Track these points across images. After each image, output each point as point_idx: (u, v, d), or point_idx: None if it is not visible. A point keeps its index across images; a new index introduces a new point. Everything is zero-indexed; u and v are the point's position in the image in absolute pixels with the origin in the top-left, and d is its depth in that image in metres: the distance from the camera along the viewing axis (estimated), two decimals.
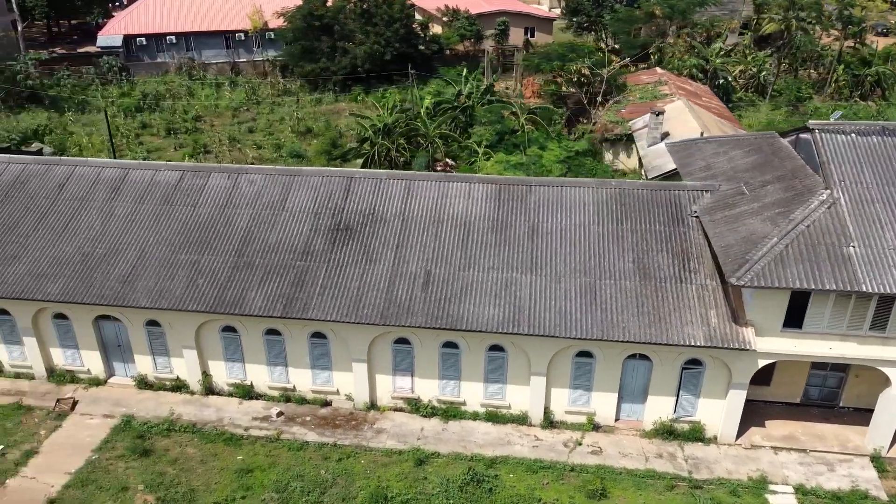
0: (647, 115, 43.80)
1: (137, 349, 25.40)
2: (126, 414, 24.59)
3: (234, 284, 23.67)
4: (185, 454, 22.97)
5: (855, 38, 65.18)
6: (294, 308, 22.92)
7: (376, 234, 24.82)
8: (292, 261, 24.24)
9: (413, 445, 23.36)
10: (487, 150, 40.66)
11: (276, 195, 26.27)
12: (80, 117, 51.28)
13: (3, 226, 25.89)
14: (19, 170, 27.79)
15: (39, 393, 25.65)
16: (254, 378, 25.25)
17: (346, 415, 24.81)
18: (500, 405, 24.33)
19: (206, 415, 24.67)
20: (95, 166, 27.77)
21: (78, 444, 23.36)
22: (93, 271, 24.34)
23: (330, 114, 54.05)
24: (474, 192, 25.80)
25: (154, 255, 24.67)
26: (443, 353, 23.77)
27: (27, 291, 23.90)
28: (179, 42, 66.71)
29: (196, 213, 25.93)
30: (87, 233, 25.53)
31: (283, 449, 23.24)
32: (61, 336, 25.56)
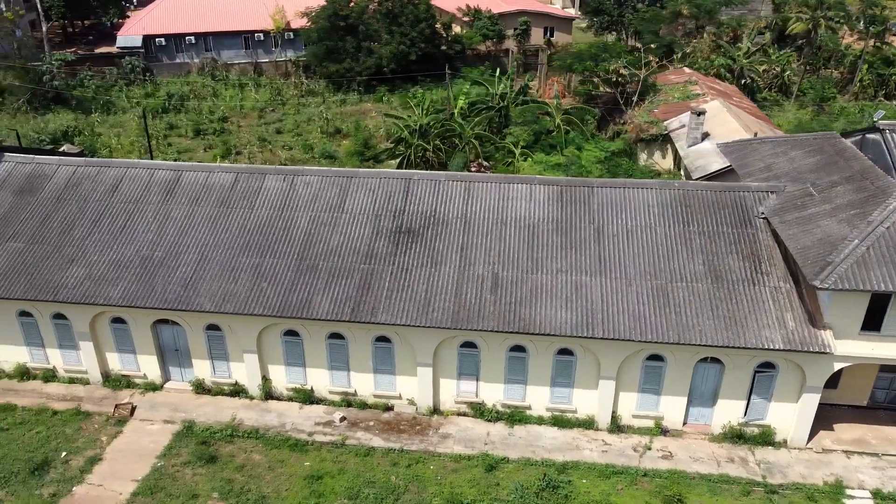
0: (682, 116, 43.56)
1: (196, 353, 25.06)
2: (186, 419, 24.26)
3: (299, 288, 23.33)
4: (252, 460, 22.64)
5: (876, 38, 65.03)
6: (362, 312, 22.59)
7: (439, 237, 24.51)
8: (356, 264, 23.91)
9: (481, 451, 23.05)
10: (525, 151, 40.36)
11: (334, 197, 25.94)
12: (106, 118, 50.86)
13: (59, 229, 25.53)
14: (70, 172, 27.42)
15: (96, 398, 25.29)
16: (314, 382, 24.92)
17: (409, 419, 24.49)
18: (567, 409, 24.04)
19: (267, 420, 24.34)
20: (147, 168, 27.42)
21: (141, 450, 23.02)
22: (153, 275, 23.99)
23: (357, 114, 53.70)
24: (536, 194, 25.50)
25: (215, 259, 24.33)
26: (509, 357, 23.47)
27: (89, 296, 23.55)
28: (198, 42, 66.32)
29: (254, 215, 25.59)
30: (145, 236, 25.18)
31: (349, 455, 22.91)
32: (118, 340, 25.21)
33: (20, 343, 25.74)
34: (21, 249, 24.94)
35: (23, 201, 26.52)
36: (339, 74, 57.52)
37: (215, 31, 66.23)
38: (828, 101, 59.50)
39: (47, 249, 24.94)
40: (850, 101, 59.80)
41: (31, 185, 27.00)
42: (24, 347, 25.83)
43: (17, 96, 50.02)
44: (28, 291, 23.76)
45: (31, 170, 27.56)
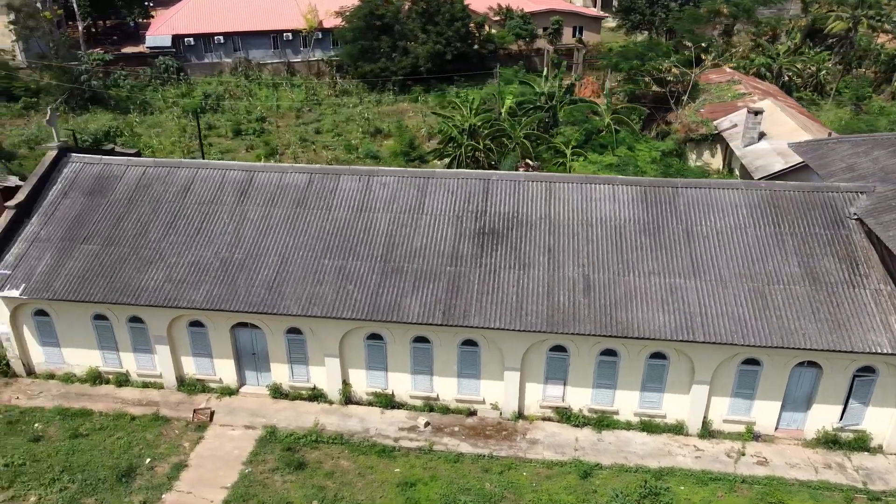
0: (733, 115, 43.13)
1: (275, 357, 24.60)
2: (267, 425, 23.78)
3: (387, 291, 22.88)
4: (340, 467, 22.17)
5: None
6: (453, 315, 22.13)
7: (525, 238, 24.05)
8: (442, 266, 23.45)
9: (572, 457, 22.58)
10: (578, 150, 39.89)
11: (413, 198, 25.48)
12: (143, 119, 50.42)
13: (134, 230, 25.09)
14: (140, 172, 26.97)
15: (172, 403, 24.84)
16: (395, 387, 24.46)
17: (494, 424, 24.02)
18: (656, 414, 23.56)
19: (350, 425, 23.87)
20: (219, 168, 26.96)
21: (226, 456, 22.55)
22: (235, 277, 23.54)
23: (394, 114, 53.26)
24: (620, 195, 25.04)
25: (296, 261, 23.87)
26: (599, 361, 23.01)
27: (171, 299, 23.10)
28: (227, 42, 65.94)
29: (332, 216, 25.13)
30: (222, 237, 24.73)
31: (439, 461, 22.44)
32: (195, 344, 24.75)
33: (93, 347, 25.29)
34: (97, 252, 24.49)
35: (94, 203, 26.07)
36: (373, 74, 57.07)
37: (244, 31, 65.93)
38: (863, 100, 59.03)
39: (124, 251, 24.49)
40: (887, 101, 59.30)
41: (101, 186, 26.56)
42: (98, 351, 25.37)
43: (54, 96, 49.56)
44: (108, 294, 23.32)
45: (100, 171, 27.12)
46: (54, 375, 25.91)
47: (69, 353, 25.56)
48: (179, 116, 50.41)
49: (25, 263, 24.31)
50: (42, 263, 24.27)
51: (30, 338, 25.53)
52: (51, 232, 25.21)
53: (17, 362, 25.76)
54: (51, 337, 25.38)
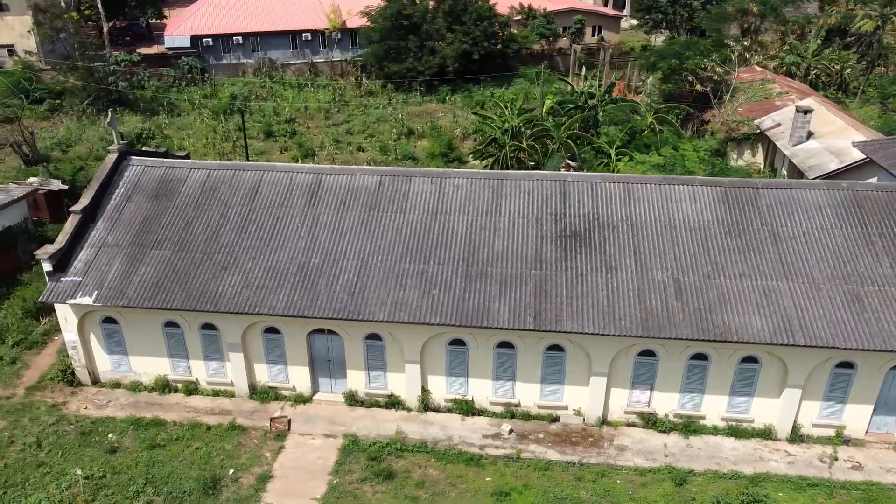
0: (775, 114, 42.87)
1: (351, 364, 24.05)
2: (347, 433, 23.23)
3: (473, 295, 22.37)
4: (429, 476, 21.65)
5: None
6: (545, 320, 21.64)
7: (608, 241, 23.60)
8: (527, 269, 22.96)
9: (663, 463, 22.15)
10: (623, 150, 39.46)
11: (488, 200, 24.98)
12: (172, 120, 49.64)
13: (205, 235, 24.47)
14: (204, 175, 26.34)
15: (245, 411, 24.23)
16: (475, 393, 23.96)
17: (578, 431, 23.56)
18: (743, 419, 23.17)
19: (432, 433, 23.34)
20: (285, 171, 26.37)
21: (310, 466, 21.99)
22: (314, 283, 22.97)
23: (422, 114, 52.72)
24: (700, 195, 24.64)
25: (376, 265, 23.33)
26: (689, 366, 22.60)
27: (251, 305, 22.50)
28: (246, 42, 65.13)
29: (407, 219, 24.60)
30: (297, 242, 24.15)
31: (529, 469, 21.96)
32: (269, 351, 24.16)
33: (163, 355, 24.66)
34: (169, 257, 23.86)
35: (160, 206, 25.43)
36: (400, 74, 56.49)
37: (263, 31, 65.17)
38: (889, 98, 58.96)
39: (196, 257, 23.87)
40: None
41: (166, 190, 25.91)
42: (167, 359, 24.75)
43: (80, 98, 48.70)
44: (185, 301, 22.70)
45: (163, 174, 26.47)
46: (120, 384, 25.26)
47: (137, 362, 24.92)
48: (208, 118, 49.65)
49: (95, 270, 23.65)
50: (113, 270, 23.61)
51: (96, 346, 24.87)
52: (118, 237, 24.55)
53: (83, 371, 25.09)
54: (118, 345, 24.73)
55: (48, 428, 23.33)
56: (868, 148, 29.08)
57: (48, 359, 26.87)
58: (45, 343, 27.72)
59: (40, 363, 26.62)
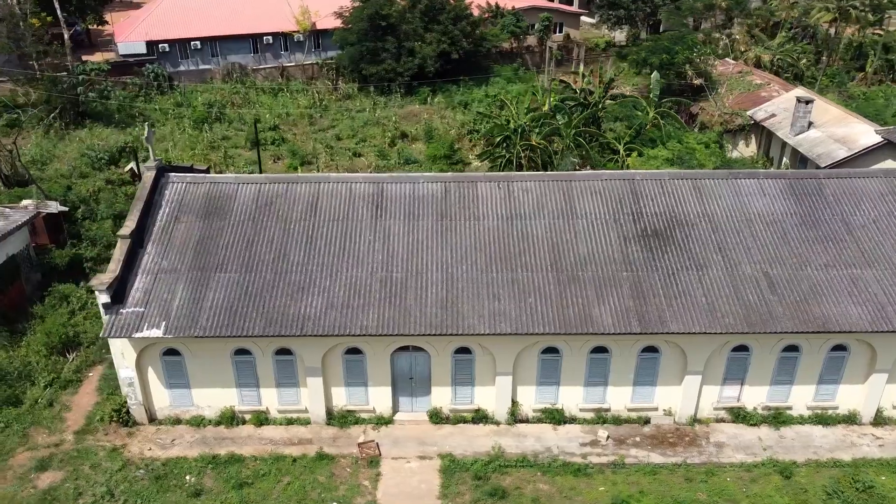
0: (767, 105, 44.21)
1: (437, 380, 23.02)
2: (442, 453, 22.22)
3: (571, 301, 21.77)
4: (542, 492, 20.93)
5: (873, 27, 68.23)
6: (649, 323, 21.28)
7: (690, 238, 23.48)
8: (617, 272, 22.55)
9: (764, 457, 22.20)
10: (632, 146, 39.71)
11: (561, 202, 24.43)
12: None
13: (272, 254, 22.87)
14: (255, 190, 24.65)
15: (326, 439, 22.80)
16: (565, 401, 23.39)
17: (672, 431, 23.34)
18: (829, 406, 23.53)
19: (528, 446, 22.61)
20: (342, 182, 24.99)
21: (415, 492, 20.87)
22: (402, 298, 21.82)
23: (408, 116, 51.61)
24: (768, 189, 24.88)
25: (462, 276, 22.38)
26: (780, 358, 22.75)
27: (339, 326, 21.14)
28: (205, 47, 62.12)
29: (482, 226, 23.74)
30: (372, 255, 22.90)
31: (637, 474, 21.56)
32: (349, 373, 22.83)
33: (230, 385, 22.92)
34: (237, 280, 22.17)
35: (214, 226, 23.63)
36: (379, 76, 55.12)
37: (223, 35, 62.31)
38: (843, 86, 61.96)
39: (267, 277, 22.27)
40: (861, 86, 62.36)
41: (216, 207, 24.11)
42: (234, 389, 23.01)
43: (45, 111, 45.06)
44: (266, 327, 21.10)
45: (208, 190, 24.62)
46: (181, 420, 23.33)
47: (200, 394, 23.07)
48: (189, 128, 46.96)
49: (157, 299, 21.70)
50: (177, 297, 21.72)
51: (154, 380, 22.86)
52: (174, 261, 22.64)
53: (140, 409, 23.02)
54: (180, 378, 22.81)
55: (115, 475, 21.24)
56: (893, 134, 30.24)
57: (88, 398, 24.57)
58: (79, 381, 25.36)
59: (81, 403, 24.31)
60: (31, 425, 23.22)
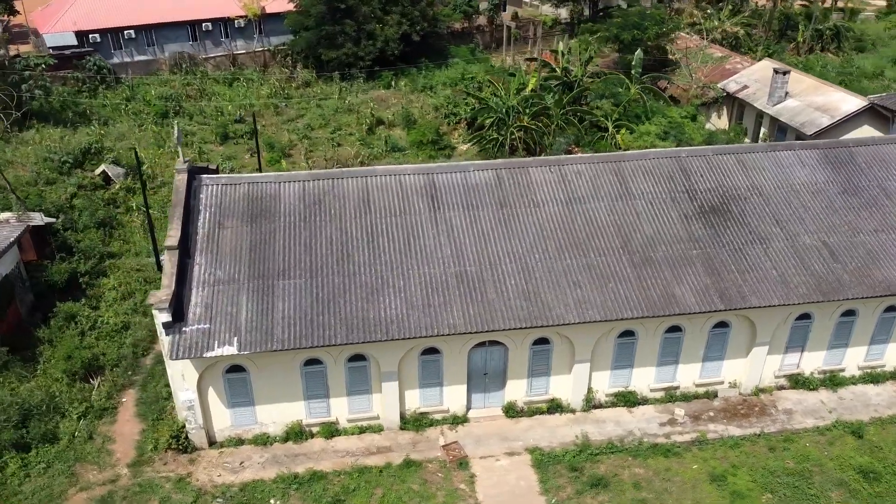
0: (737, 77, 45.54)
1: (513, 373, 22.42)
2: (528, 447, 21.73)
3: (651, 283, 21.60)
4: (639, 476, 20.82)
5: None
6: (730, 298, 21.41)
7: (746, 212, 23.78)
8: (686, 250, 22.56)
9: (832, 420, 22.96)
10: (623, 123, 40.01)
11: (615, 184, 24.16)
12: (106, 130, 42.95)
13: (335, 255, 21.48)
14: (299, 188, 23.05)
15: (405, 444, 21.82)
16: (637, 383, 23.34)
17: (740, 403, 23.74)
18: (877, 365, 24.58)
19: (610, 431, 22.45)
20: (391, 175, 23.74)
21: (516, 490, 20.30)
22: (482, 292, 21.01)
23: (376, 102, 50.03)
24: (805, 159, 25.51)
25: (537, 264, 21.78)
26: (838, 322, 23.51)
27: (426, 326, 20.12)
28: (139, 36, 57.98)
29: (544, 211, 23.18)
30: (440, 250, 21.91)
31: (723, 448, 21.82)
32: (424, 374, 21.88)
33: (297, 398, 21.50)
34: (305, 286, 20.70)
35: (263, 229, 21.94)
36: (339, 62, 53.06)
37: (158, 23, 58.30)
38: (773, 55, 64.85)
39: (337, 281, 20.91)
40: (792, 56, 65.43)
41: (261, 210, 22.39)
42: (302, 402, 21.61)
43: None
44: (350, 334, 19.81)
45: (247, 191, 22.82)
46: (243, 440, 21.72)
47: (265, 411, 21.53)
48: (152, 124, 43.64)
49: (222, 313, 19.96)
50: (244, 310, 20.06)
51: (214, 401, 21.13)
52: (230, 271, 20.88)
53: (200, 433, 21.24)
54: (243, 395, 21.19)
55: None
56: (890, 101, 31.75)
57: (130, 426, 22.49)
58: (113, 408, 23.17)
59: (124, 433, 22.22)
60: (76, 462, 21.03)
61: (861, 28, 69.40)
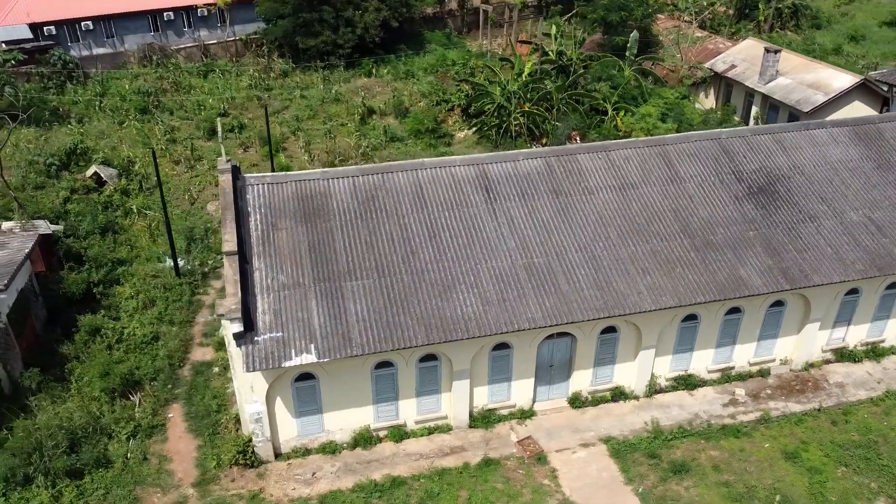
0: (724, 56, 46.19)
1: (579, 364, 22.17)
2: (601, 437, 21.56)
3: (718, 267, 21.60)
4: (716, 458, 20.91)
5: None
6: (794, 278, 21.64)
7: (792, 191, 24.03)
8: (743, 231, 22.65)
9: (882, 390, 23.58)
10: (622, 105, 40.09)
11: (663, 168, 24.05)
12: (83, 128, 40.43)
13: (401, 253, 20.68)
14: (350, 185, 22.09)
15: (477, 443, 21.33)
16: (696, 366, 23.45)
17: (792, 379, 24.13)
18: None
19: (676, 416, 22.48)
20: (439, 167, 22.98)
21: (600, 482, 20.10)
22: (554, 284, 20.60)
23: (360, 90, 48.78)
24: (837, 137, 25.96)
25: (601, 252, 21.50)
26: (883, 295, 24.11)
27: (505, 322, 19.59)
28: (97, 28, 54.91)
29: (599, 198, 22.89)
30: (504, 242, 21.37)
31: (788, 425, 22.14)
32: (494, 371, 21.40)
33: (366, 402, 20.71)
34: (375, 287, 19.86)
35: (320, 229, 20.94)
36: (317, 50, 51.44)
37: (117, 13, 55.29)
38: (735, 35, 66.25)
39: (405, 280, 20.15)
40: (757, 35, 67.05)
41: (314, 208, 21.35)
42: (371, 407, 20.83)
43: None
44: (430, 334, 19.12)
45: (296, 190, 21.73)
46: (309, 450, 20.82)
47: (332, 418, 20.67)
48: (135, 120, 41.34)
49: (293, 319, 18.97)
50: (315, 315, 19.10)
51: (282, 411, 20.14)
52: (293, 275, 19.85)
53: (267, 445, 20.24)
54: (311, 404, 20.28)
55: None
56: (891, 76, 32.68)
57: (185, 443, 21.28)
58: (162, 425, 21.87)
59: (180, 450, 21.00)
60: (136, 486, 19.74)
61: (815, 5, 71.54)
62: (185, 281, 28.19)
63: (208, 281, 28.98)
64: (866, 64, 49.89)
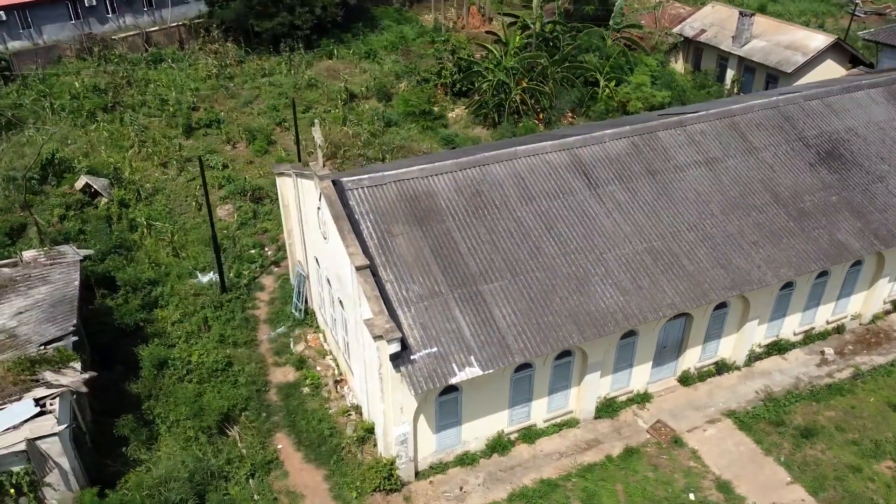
0: (691, 21, 47.27)
1: (691, 342, 22.22)
2: (723, 411, 21.82)
3: (816, 234, 22.12)
4: (835, 419, 21.68)
5: None
6: (885, 238, 22.59)
7: (855, 153, 24.91)
8: (826, 196, 23.32)
9: None
10: (613, 76, 40.21)
11: (738, 139, 24.21)
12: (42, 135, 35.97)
13: (526, 250, 19.74)
14: (451, 180, 20.75)
15: (609, 433, 21.02)
16: (785, 331, 24.11)
17: (865, 332, 25.34)
18: None
19: (779, 381, 23.09)
20: (531, 155, 22.04)
21: (741, 457, 20.36)
22: (679, 266, 20.41)
23: (329, 72, 46.35)
24: (877, 97, 27.10)
25: (711, 230, 21.48)
26: None
27: (649, 311, 19.24)
28: (10, 19, 49.08)
29: (690, 175, 22.79)
30: (617, 228, 20.88)
31: (881, 378, 23.27)
32: (619, 358, 21.06)
33: (501, 407, 19.87)
34: (513, 287, 18.89)
35: (435, 231, 19.61)
36: (274, 33, 48.24)
37: (31, 2, 49.56)
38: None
39: (541, 277, 19.28)
40: None
41: (422, 210, 19.95)
42: (506, 411, 20.01)
43: None
44: (584, 332, 18.44)
45: (397, 191, 20.21)
46: (446, 464, 19.79)
47: (469, 428, 19.72)
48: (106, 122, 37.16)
49: (443, 331, 17.72)
50: (462, 324, 17.95)
51: (423, 428, 18.95)
52: (427, 283, 18.51)
53: (409, 466, 19.04)
54: (451, 417, 19.21)
55: None
56: (881, 35, 34.46)
57: (309, 475, 19.66)
58: (275, 459, 20.06)
59: (308, 484, 19.37)
60: None
61: None
62: (233, 296, 25.92)
63: (252, 293, 26.79)
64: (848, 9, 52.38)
